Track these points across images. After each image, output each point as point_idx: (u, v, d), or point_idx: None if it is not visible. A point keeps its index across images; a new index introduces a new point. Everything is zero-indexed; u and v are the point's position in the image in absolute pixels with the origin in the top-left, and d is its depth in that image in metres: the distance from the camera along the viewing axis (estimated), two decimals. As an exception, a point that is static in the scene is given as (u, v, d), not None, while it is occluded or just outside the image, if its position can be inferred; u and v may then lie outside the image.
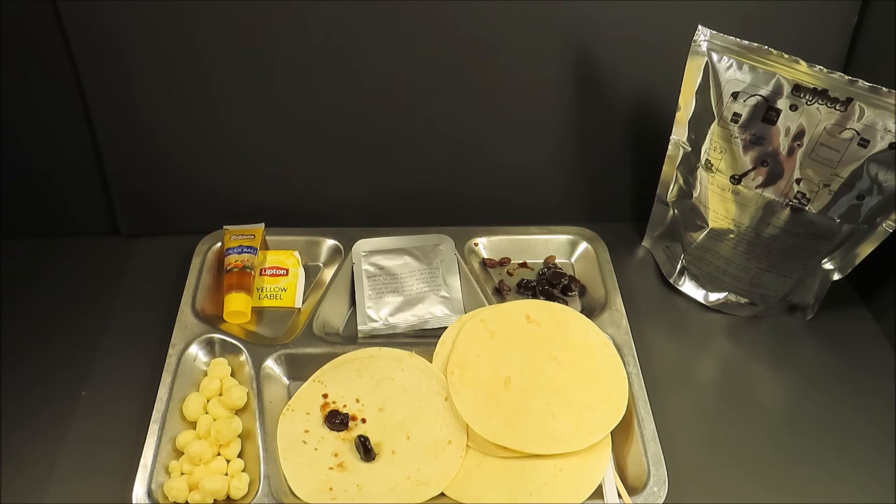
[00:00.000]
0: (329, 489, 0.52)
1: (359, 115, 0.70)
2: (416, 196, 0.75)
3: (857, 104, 0.56)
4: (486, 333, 0.61)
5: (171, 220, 0.75)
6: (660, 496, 0.52)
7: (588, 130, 0.73)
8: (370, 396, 0.58)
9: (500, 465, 0.54)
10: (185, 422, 0.57)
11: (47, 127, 0.69)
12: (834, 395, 0.62)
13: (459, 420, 0.56)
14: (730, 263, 0.67)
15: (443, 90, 0.69)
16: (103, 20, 0.62)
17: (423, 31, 0.65)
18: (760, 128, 0.61)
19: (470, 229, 0.73)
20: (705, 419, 0.60)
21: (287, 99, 0.68)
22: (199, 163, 0.72)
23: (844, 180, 0.58)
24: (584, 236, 0.73)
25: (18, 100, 0.66)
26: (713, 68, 0.61)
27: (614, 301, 0.66)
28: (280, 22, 0.63)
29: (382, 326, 0.66)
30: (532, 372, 0.58)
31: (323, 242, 0.72)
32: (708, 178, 0.66)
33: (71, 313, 0.67)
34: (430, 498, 0.51)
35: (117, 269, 0.71)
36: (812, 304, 0.67)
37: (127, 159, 0.71)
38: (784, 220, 0.63)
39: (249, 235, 0.69)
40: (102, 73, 0.65)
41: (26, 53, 0.64)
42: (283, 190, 0.74)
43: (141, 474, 0.52)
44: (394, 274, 0.69)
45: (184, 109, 0.68)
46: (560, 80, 0.69)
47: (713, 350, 0.67)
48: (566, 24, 0.66)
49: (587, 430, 0.55)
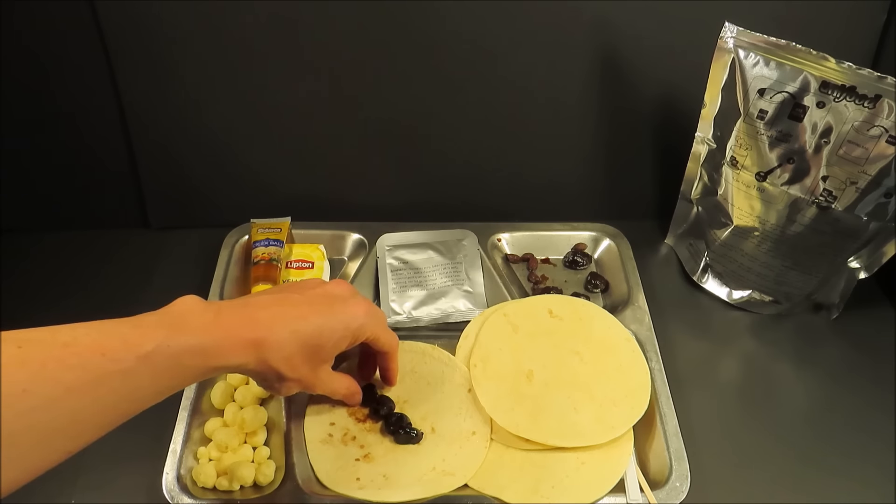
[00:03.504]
0: (356, 479, 0.53)
1: (386, 111, 0.70)
2: (440, 191, 0.76)
3: (885, 101, 0.56)
4: (508, 327, 0.62)
5: (199, 214, 0.76)
6: (682, 491, 0.52)
7: (612, 127, 0.73)
8: (394, 389, 0.58)
9: (523, 458, 0.54)
10: (212, 409, 0.58)
11: (81, 122, 0.70)
12: (858, 395, 0.61)
13: (482, 412, 0.56)
14: (754, 261, 0.67)
15: (468, 88, 0.69)
16: (138, 16, 0.63)
17: (450, 31, 0.66)
18: (787, 125, 0.60)
19: (493, 225, 0.73)
20: (728, 416, 0.60)
21: (315, 96, 0.69)
22: (228, 158, 0.73)
23: (872, 178, 0.58)
24: (606, 233, 0.73)
25: (53, 95, 0.68)
26: (740, 65, 0.61)
27: (637, 298, 0.66)
28: (309, 21, 0.64)
29: (406, 319, 0.66)
30: (554, 366, 0.59)
31: (348, 236, 0.72)
32: (733, 176, 0.65)
33: (102, 304, 0.68)
34: (454, 488, 0.52)
35: (147, 261, 0.73)
36: (837, 302, 0.67)
37: (158, 154, 0.72)
38: (810, 217, 0.62)
39: (276, 229, 0.70)
40: (136, 69, 0.66)
41: (62, 49, 0.65)
42: (310, 185, 0.75)
43: (170, 460, 0.53)
44: (417, 268, 0.69)
45: (214, 106, 0.69)
46: (586, 77, 0.69)
47: (736, 348, 0.67)
48: (591, 22, 0.66)
49: (609, 424, 0.55)
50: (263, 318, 0.45)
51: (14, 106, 0.68)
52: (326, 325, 0.47)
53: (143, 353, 0.38)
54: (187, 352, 0.41)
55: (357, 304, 0.49)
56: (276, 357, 0.45)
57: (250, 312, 0.45)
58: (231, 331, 0.43)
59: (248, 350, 0.43)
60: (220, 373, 0.46)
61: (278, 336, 0.45)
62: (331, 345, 0.48)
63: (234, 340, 0.43)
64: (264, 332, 0.44)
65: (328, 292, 0.49)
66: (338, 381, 0.53)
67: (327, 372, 0.50)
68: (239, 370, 0.44)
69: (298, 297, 0.48)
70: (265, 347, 0.44)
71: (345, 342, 0.49)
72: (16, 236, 0.75)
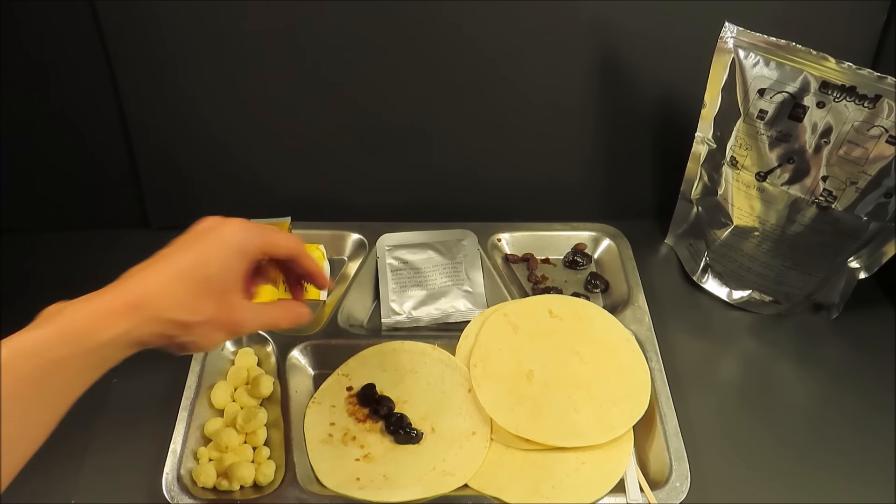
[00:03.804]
0: (356, 479, 0.53)
1: (386, 111, 0.70)
2: (440, 191, 0.76)
3: (885, 101, 0.56)
4: (508, 327, 0.62)
5: (199, 213, 0.75)
6: (682, 491, 0.52)
7: (612, 127, 0.73)
8: (394, 389, 0.59)
9: (523, 458, 0.54)
10: (212, 410, 0.58)
11: (81, 122, 0.70)
12: (858, 395, 0.61)
13: (482, 412, 0.56)
14: (754, 261, 0.67)
15: (468, 88, 0.69)
16: (138, 16, 0.63)
17: (450, 31, 0.66)
18: (787, 125, 0.60)
19: (493, 225, 0.73)
20: (728, 416, 0.60)
21: (314, 96, 0.69)
22: (228, 158, 0.73)
23: (872, 178, 0.58)
24: (606, 233, 0.73)
25: (53, 95, 0.68)
26: (740, 65, 0.61)
27: (637, 297, 0.66)
28: (308, 22, 0.64)
29: (406, 319, 0.66)
30: (554, 366, 0.59)
31: (348, 236, 0.73)
32: (733, 176, 0.65)
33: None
34: (455, 488, 0.52)
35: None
36: (837, 302, 0.67)
37: (157, 154, 0.72)
38: (810, 217, 0.62)
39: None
40: (136, 69, 0.66)
41: (62, 49, 0.65)
42: (310, 185, 0.75)
43: (170, 460, 0.53)
44: (417, 268, 0.69)
45: (214, 106, 0.69)
46: (586, 77, 0.69)
47: (736, 348, 0.67)
48: (591, 23, 0.66)
49: (609, 424, 0.55)
50: (133, 280, 0.42)
51: (14, 106, 0.68)
52: (203, 253, 0.44)
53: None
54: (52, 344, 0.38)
55: (229, 223, 0.46)
56: (164, 306, 0.41)
57: (117, 284, 0.42)
58: (100, 304, 0.40)
59: (126, 314, 0.40)
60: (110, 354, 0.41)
61: (155, 286, 0.42)
62: (219, 271, 0.44)
63: (105, 311, 0.40)
64: (137, 289, 0.41)
65: (194, 230, 0.46)
66: (267, 308, 0.50)
67: (242, 303, 0.46)
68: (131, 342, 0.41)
69: (166, 249, 0.45)
70: (146, 304, 0.41)
71: (235, 262, 0.45)
72: (16, 236, 0.75)
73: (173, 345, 0.44)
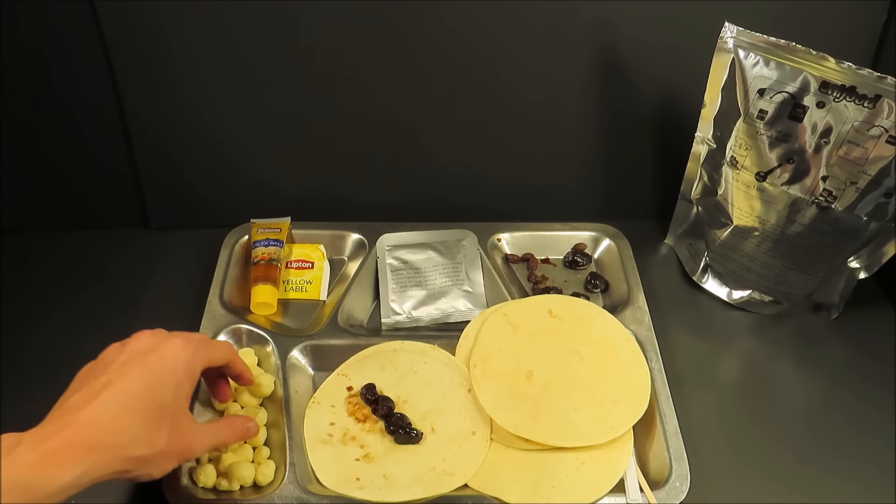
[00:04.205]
0: (356, 479, 0.53)
1: (386, 111, 0.70)
2: (440, 191, 0.76)
3: (885, 101, 0.56)
4: (508, 327, 0.62)
5: (199, 214, 0.76)
6: (682, 491, 0.52)
7: (612, 127, 0.73)
8: (394, 389, 0.59)
9: (523, 458, 0.54)
10: (213, 410, 0.58)
11: (81, 122, 0.70)
12: (858, 395, 0.61)
13: (482, 412, 0.56)
14: (754, 261, 0.67)
15: (467, 88, 0.69)
16: (138, 16, 0.63)
17: (450, 31, 0.66)
18: (787, 125, 0.60)
19: (493, 225, 0.73)
20: (728, 416, 0.60)
21: (315, 96, 0.69)
22: (228, 158, 0.73)
23: (872, 178, 0.58)
24: (606, 233, 0.73)
25: (53, 95, 0.68)
26: (740, 65, 0.61)
27: (637, 298, 0.66)
28: (309, 21, 0.64)
29: (406, 319, 0.66)
30: (554, 366, 0.59)
31: (348, 236, 0.72)
32: (733, 176, 0.65)
33: (102, 305, 0.68)
34: (454, 488, 0.52)
35: (147, 260, 0.73)
36: (837, 302, 0.67)
37: (158, 154, 0.72)
38: (810, 217, 0.62)
39: (276, 229, 0.70)
40: (136, 69, 0.66)
41: (62, 49, 0.65)
42: (309, 185, 0.75)
43: (171, 460, 0.53)
44: (417, 268, 0.69)
45: (214, 106, 0.69)
46: (585, 77, 0.69)
47: (736, 348, 0.67)
48: (591, 23, 0.66)
49: (609, 424, 0.55)
50: (83, 415, 0.39)
51: (14, 106, 0.68)
52: (151, 379, 0.43)
53: None
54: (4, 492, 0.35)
55: (171, 344, 0.45)
56: (121, 444, 0.40)
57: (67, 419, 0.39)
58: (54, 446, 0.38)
59: (82, 456, 0.38)
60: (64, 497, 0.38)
61: (108, 422, 0.40)
62: (171, 397, 0.43)
63: (59, 455, 0.38)
64: (91, 427, 0.39)
65: (133, 350, 0.44)
66: (214, 427, 0.49)
67: (191, 426, 0.45)
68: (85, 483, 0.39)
69: (107, 376, 0.42)
70: (102, 444, 0.39)
71: (185, 385, 0.45)
72: (16, 236, 0.75)
73: (126, 478, 0.42)
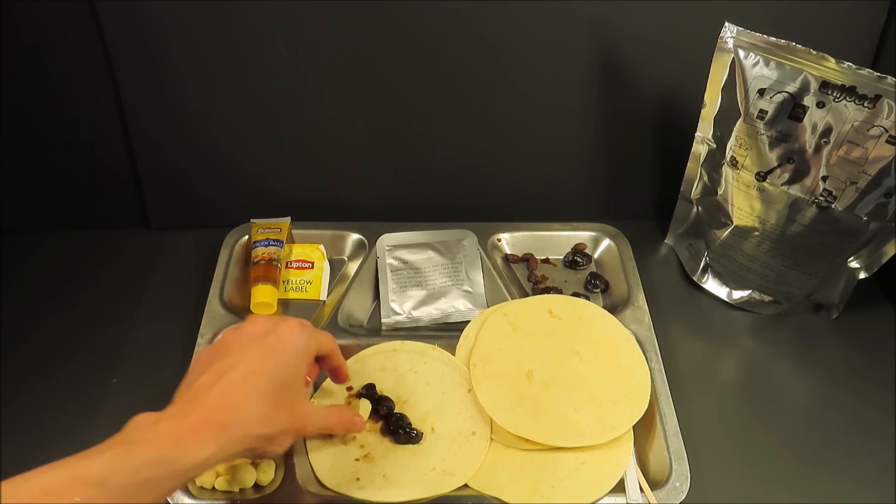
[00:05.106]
0: (356, 479, 0.53)
1: (386, 111, 0.70)
2: (440, 191, 0.76)
3: (885, 101, 0.56)
4: (508, 327, 0.62)
5: (199, 214, 0.76)
6: (682, 491, 0.52)
7: (612, 127, 0.73)
8: (394, 389, 0.59)
9: (523, 458, 0.54)
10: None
11: (81, 122, 0.70)
12: (858, 395, 0.61)
13: (482, 412, 0.56)
14: (754, 261, 0.67)
15: (467, 88, 0.69)
16: (138, 16, 0.63)
17: (450, 31, 0.66)
18: (787, 125, 0.60)
19: (493, 225, 0.73)
20: (728, 416, 0.60)
21: (315, 96, 0.69)
22: (228, 157, 0.73)
23: (872, 178, 0.58)
24: (606, 233, 0.73)
25: (53, 95, 0.68)
26: (740, 65, 0.61)
27: (637, 297, 0.66)
28: (309, 21, 0.64)
29: (406, 319, 0.66)
30: (554, 366, 0.59)
31: (348, 236, 0.72)
32: (733, 176, 0.65)
33: (102, 305, 0.68)
34: (454, 488, 0.52)
35: (147, 261, 0.73)
36: (837, 302, 0.67)
37: (158, 154, 0.72)
38: (810, 217, 0.62)
39: (276, 229, 0.70)
40: (136, 69, 0.66)
41: (62, 49, 0.65)
42: (309, 185, 0.75)
43: (171, 460, 0.53)
44: (417, 268, 0.69)
45: (214, 105, 0.69)
46: (585, 77, 0.69)
47: (736, 348, 0.67)
48: (591, 22, 0.66)
49: (609, 424, 0.55)
50: (215, 398, 0.42)
51: (15, 106, 0.68)
52: (274, 362, 0.45)
53: (92, 480, 0.36)
54: (146, 465, 0.38)
55: (287, 325, 0.47)
56: (251, 423, 0.43)
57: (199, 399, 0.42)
58: (187, 426, 0.41)
59: (216, 435, 0.41)
60: (198, 473, 0.42)
61: (239, 402, 0.43)
62: (292, 378, 0.46)
63: (196, 433, 0.40)
64: (224, 408, 0.42)
65: (254, 333, 0.47)
66: (327, 413, 0.52)
67: (307, 406, 0.48)
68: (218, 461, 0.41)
69: (230, 358, 0.45)
70: (234, 424, 0.42)
71: (303, 366, 0.47)
72: (16, 236, 0.75)
73: (252, 456, 0.46)
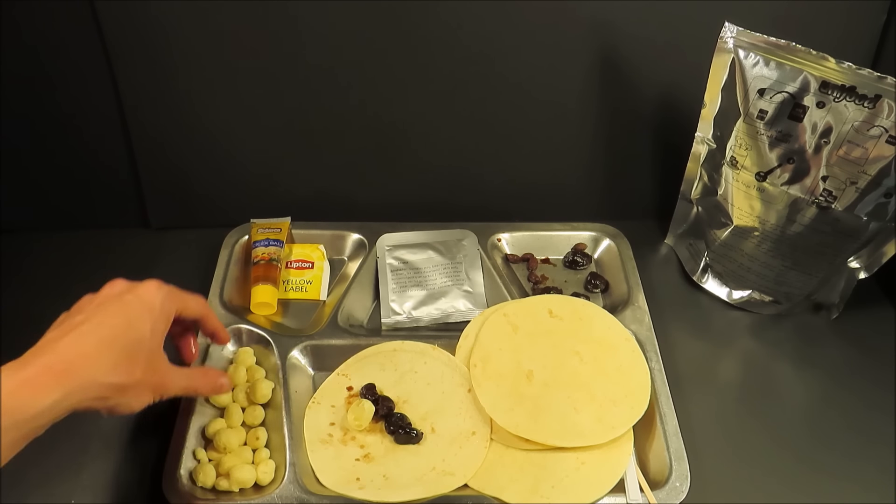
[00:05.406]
0: (356, 479, 0.53)
1: (386, 111, 0.70)
2: (441, 191, 0.76)
3: (885, 101, 0.56)
4: (508, 327, 0.62)
5: (199, 214, 0.76)
6: (682, 491, 0.52)
7: (612, 127, 0.73)
8: (394, 389, 0.59)
9: (523, 458, 0.54)
10: (213, 409, 0.58)
11: (81, 121, 0.70)
12: (858, 395, 0.61)
13: (482, 412, 0.56)
14: (754, 261, 0.67)
15: (467, 88, 0.69)
16: (138, 16, 0.63)
17: (450, 31, 0.66)
18: (787, 125, 0.60)
19: (493, 225, 0.73)
20: (728, 416, 0.60)
21: (315, 96, 0.69)
22: (228, 157, 0.73)
23: (872, 178, 0.58)
24: (606, 233, 0.73)
25: (53, 95, 0.68)
26: (740, 65, 0.61)
27: (637, 297, 0.66)
28: (309, 22, 0.64)
29: (406, 319, 0.66)
30: (554, 366, 0.59)
31: (348, 236, 0.72)
32: (733, 176, 0.65)
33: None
34: (454, 488, 0.52)
35: (147, 260, 0.73)
36: (837, 302, 0.67)
37: (157, 154, 0.72)
38: (810, 217, 0.62)
39: (276, 229, 0.70)
40: (136, 69, 0.66)
41: (62, 49, 0.65)
42: (309, 185, 0.75)
43: (170, 460, 0.53)
44: (417, 268, 0.69)
45: (214, 106, 0.69)
46: (585, 77, 0.69)
47: (736, 348, 0.67)
48: (591, 22, 0.66)
49: (609, 424, 0.55)
50: (61, 346, 0.42)
51: (14, 106, 0.68)
52: (128, 317, 0.45)
53: None
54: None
55: (146, 285, 0.48)
56: (98, 370, 0.42)
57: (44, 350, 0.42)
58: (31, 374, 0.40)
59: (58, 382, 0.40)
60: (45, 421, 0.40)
61: (86, 350, 0.42)
62: (147, 332, 0.45)
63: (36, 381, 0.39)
64: (68, 355, 0.41)
65: (109, 294, 0.47)
66: (190, 373, 0.52)
67: (167, 365, 0.48)
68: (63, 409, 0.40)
69: (83, 315, 0.44)
70: (78, 370, 0.41)
71: (160, 324, 0.47)
72: (16, 236, 0.75)
73: (105, 407, 0.44)
